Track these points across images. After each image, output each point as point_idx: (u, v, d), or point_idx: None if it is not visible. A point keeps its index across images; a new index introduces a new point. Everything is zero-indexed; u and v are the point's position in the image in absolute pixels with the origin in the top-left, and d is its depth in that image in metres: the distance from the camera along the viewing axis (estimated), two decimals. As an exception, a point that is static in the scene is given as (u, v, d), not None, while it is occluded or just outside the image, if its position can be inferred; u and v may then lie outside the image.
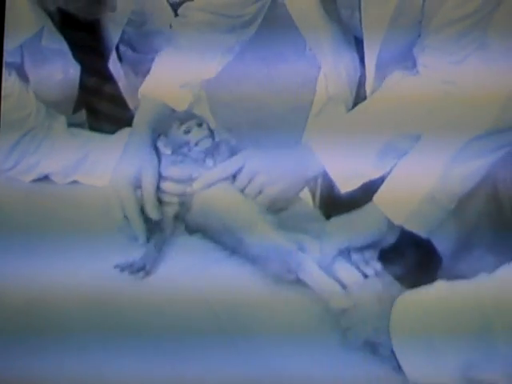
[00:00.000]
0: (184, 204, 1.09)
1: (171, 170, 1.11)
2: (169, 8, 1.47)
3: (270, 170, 1.08)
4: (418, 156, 1.02)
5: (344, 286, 0.93)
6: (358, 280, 0.95)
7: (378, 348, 0.85)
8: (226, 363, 0.85)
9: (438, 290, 0.84)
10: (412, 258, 1.17)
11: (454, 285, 0.84)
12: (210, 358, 0.86)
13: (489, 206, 1.13)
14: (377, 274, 0.98)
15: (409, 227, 1.00)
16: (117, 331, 0.89)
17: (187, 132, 1.11)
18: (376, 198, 1.02)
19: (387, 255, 1.20)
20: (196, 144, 1.11)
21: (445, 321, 0.80)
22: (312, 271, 0.95)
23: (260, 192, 1.07)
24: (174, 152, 1.12)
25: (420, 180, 1.00)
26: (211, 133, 1.12)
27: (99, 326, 0.91)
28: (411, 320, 0.83)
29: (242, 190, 1.08)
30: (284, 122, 1.98)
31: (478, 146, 0.98)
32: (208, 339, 0.89)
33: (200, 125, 1.12)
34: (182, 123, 1.12)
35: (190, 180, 1.09)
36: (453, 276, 0.86)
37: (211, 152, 1.11)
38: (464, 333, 0.78)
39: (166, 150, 1.12)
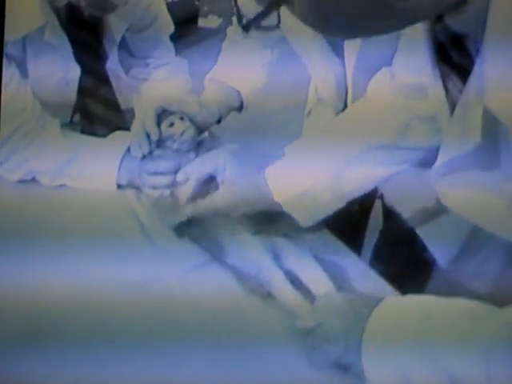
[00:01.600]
0: (173, 196, 1.11)
1: (157, 165, 1.14)
2: (169, 17, 1.49)
3: (252, 167, 1.07)
4: (316, 152, 1.03)
5: (313, 298, 0.92)
6: (328, 290, 0.93)
7: (349, 367, 0.81)
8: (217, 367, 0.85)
9: (413, 306, 0.81)
10: (404, 259, 1.17)
11: (428, 300, 0.81)
12: (198, 361, 0.86)
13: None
14: None
15: (286, 209, 1.02)
16: (106, 334, 0.89)
17: (171, 126, 1.15)
18: (267, 171, 1.04)
19: (379, 257, 1.19)
20: (181, 134, 1.14)
21: (421, 338, 0.76)
22: (281, 287, 0.95)
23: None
24: (158, 146, 1.15)
25: (311, 171, 1.02)
26: (193, 124, 1.16)
27: (88, 330, 0.90)
28: (385, 337, 0.79)
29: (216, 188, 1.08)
30: (280, 123, 1.99)
31: (380, 155, 1.00)
32: (196, 343, 0.89)
33: (182, 118, 1.15)
34: (164, 119, 1.15)
35: (177, 171, 1.12)
36: (448, 281, 0.84)
37: (195, 147, 1.14)
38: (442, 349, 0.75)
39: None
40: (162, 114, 1.16)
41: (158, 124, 1.16)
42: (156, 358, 0.86)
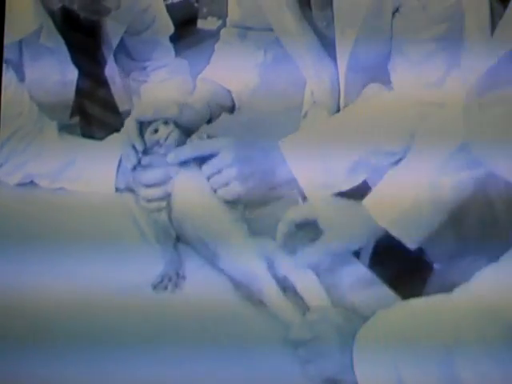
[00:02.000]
0: (169, 205, 1.10)
1: (147, 175, 1.13)
2: (168, 19, 1.49)
3: (243, 165, 1.06)
4: (409, 164, 0.99)
5: (306, 308, 0.91)
6: (322, 301, 0.92)
7: (342, 381, 0.81)
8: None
9: (397, 314, 0.81)
10: (402, 264, 1.16)
11: (413, 306, 0.81)
12: (196, 363, 0.86)
13: (482, 213, 1.11)
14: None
15: (394, 233, 0.96)
16: (105, 336, 0.90)
17: (155, 132, 1.14)
18: (366, 200, 0.99)
19: (377, 261, 1.18)
20: (165, 139, 1.13)
21: (414, 348, 0.76)
22: (273, 298, 0.94)
23: (225, 185, 1.07)
24: (145, 153, 1.14)
25: (409, 188, 0.97)
26: (178, 127, 1.15)
27: (86, 332, 0.91)
28: (375, 350, 0.78)
29: (208, 178, 1.08)
30: (276, 125, 1.98)
31: (466, 156, 0.94)
32: (194, 344, 0.89)
33: (166, 123, 1.14)
34: (148, 125, 1.15)
35: (169, 179, 1.11)
36: (445, 283, 0.83)
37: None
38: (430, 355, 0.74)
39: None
40: (145, 122, 1.16)
41: (142, 133, 1.16)
42: (153, 359, 0.86)
